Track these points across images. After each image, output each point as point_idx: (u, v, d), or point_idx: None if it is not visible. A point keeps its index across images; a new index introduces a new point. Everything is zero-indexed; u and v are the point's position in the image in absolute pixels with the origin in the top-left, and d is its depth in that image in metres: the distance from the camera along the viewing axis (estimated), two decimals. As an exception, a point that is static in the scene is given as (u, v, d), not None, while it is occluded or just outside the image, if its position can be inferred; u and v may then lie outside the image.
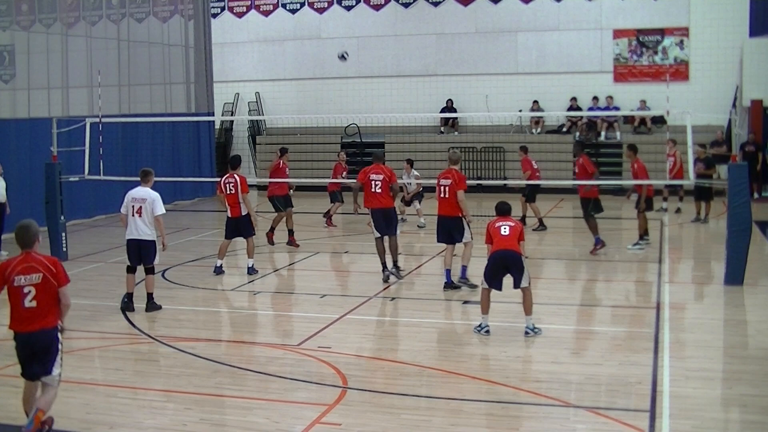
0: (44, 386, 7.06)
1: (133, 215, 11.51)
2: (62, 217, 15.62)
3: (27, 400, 7.18)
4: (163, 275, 13.82)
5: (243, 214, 13.96)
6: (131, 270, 11.67)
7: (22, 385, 7.30)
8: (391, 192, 13.33)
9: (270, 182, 16.87)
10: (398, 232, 13.61)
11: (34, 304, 6.90)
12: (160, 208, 11.53)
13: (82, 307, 12.08)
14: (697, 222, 19.15)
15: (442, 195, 12.69)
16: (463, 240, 12.67)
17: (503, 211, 10.50)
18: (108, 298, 12.23)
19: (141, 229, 11.49)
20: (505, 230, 10.12)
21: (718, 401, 8.04)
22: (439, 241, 12.95)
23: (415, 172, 20.04)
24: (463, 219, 12.55)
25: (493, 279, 10.11)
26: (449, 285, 12.61)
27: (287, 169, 17.18)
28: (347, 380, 8.51)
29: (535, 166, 18.54)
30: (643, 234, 15.96)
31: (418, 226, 19.54)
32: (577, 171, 16.33)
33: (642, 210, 15.60)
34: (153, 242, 11.56)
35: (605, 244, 15.55)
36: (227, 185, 13.96)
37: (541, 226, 18.32)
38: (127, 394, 8.26)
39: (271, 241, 16.78)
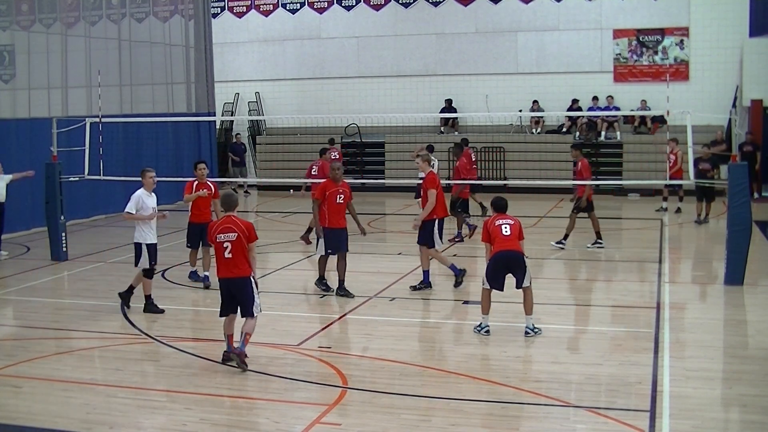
0: (247, 318, 8.94)
1: None
2: (62, 217, 15.61)
3: (227, 326, 9.06)
4: (163, 275, 13.82)
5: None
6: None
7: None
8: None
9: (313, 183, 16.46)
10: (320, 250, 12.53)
11: (230, 256, 8.82)
12: (127, 206, 11.47)
13: (82, 307, 12.10)
14: (697, 222, 19.13)
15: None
16: (436, 246, 12.66)
17: (500, 207, 10.42)
18: (108, 298, 12.22)
19: (137, 230, 11.59)
20: (506, 230, 10.07)
21: (718, 401, 8.04)
22: (420, 243, 12.63)
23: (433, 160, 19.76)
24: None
25: (495, 279, 10.09)
26: (427, 285, 12.59)
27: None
28: (347, 380, 8.52)
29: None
30: (598, 237, 15.96)
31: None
32: (457, 168, 17.47)
33: (579, 209, 15.68)
34: (138, 245, 11.46)
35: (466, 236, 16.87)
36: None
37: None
38: (127, 394, 8.26)
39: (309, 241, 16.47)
